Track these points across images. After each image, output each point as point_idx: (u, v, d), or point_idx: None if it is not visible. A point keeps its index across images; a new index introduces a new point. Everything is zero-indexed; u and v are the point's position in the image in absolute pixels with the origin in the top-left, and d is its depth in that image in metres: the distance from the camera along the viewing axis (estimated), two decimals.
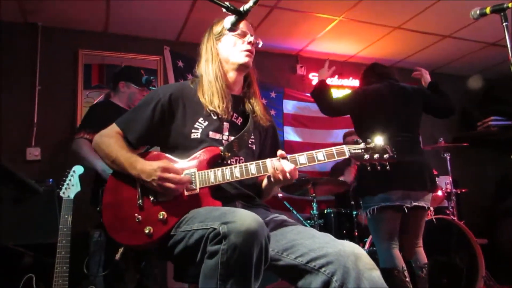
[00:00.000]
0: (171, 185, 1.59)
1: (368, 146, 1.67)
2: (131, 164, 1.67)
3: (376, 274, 1.39)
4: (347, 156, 1.66)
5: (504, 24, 1.95)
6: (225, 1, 1.52)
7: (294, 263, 1.46)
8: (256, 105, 1.93)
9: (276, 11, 4.31)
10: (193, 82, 1.92)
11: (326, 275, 1.39)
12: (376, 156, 1.66)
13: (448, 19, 4.57)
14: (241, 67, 1.88)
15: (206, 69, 1.88)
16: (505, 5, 1.94)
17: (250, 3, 1.48)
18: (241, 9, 1.51)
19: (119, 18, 4.33)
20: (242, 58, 1.86)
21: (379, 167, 1.69)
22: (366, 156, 1.66)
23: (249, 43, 1.88)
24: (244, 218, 1.33)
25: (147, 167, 1.63)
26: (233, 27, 1.59)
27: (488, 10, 2.02)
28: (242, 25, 1.86)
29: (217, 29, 1.91)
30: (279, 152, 1.67)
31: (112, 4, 4.05)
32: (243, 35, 1.88)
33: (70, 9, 4.08)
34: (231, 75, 1.90)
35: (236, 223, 1.30)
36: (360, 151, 1.67)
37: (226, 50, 1.88)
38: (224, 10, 1.52)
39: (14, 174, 1.13)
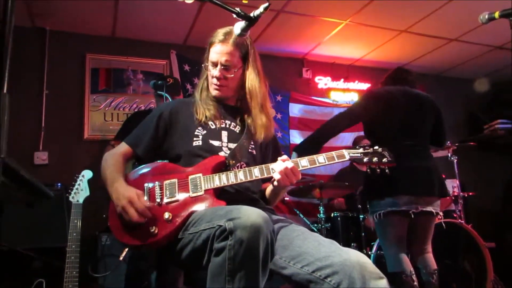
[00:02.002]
0: (133, 216, 1.60)
1: (367, 150, 1.75)
2: (112, 181, 1.73)
3: (383, 283, 1.39)
4: (346, 159, 1.72)
5: None
6: (234, 6, 1.53)
7: (300, 272, 1.47)
8: (252, 122, 1.94)
9: (283, 15, 4.32)
10: (193, 96, 2.01)
11: (331, 285, 1.39)
12: (375, 159, 1.73)
13: (454, 23, 4.57)
14: (215, 98, 1.94)
15: (198, 82, 2.02)
16: None
17: (261, 9, 1.48)
18: (251, 15, 1.52)
19: (126, 22, 4.36)
20: (212, 91, 1.93)
21: (378, 171, 1.74)
22: (365, 160, 1.73)
23: (216, 77, 1.87)
24: (249, 213, 1.35)
25: (120, 190, 1.67)
26: (243, 33, 1.60)
27: (496, 14, 2.00)
28: (216, 51, 1.85)
29: (207, 49, 1.93)
30: (283, 157, 1.72)
31: (119, 9, 4.08)
32: (214, 65, 1.88)
33: (77, 14, 4.11)
34: None
35: (241, 218, 1.32)
36: (359, 154, 1.74)
37: (208, 74, 1.94)
38: (234, 16, 1.53)
39: (26, 179, 1.15)
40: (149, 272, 2.76)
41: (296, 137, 5.17)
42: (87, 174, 2.58)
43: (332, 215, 4.01)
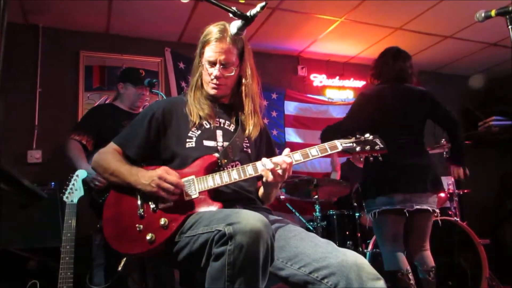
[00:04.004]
0: (169, 186, 1.61)
1: (358, 139, 1.74)
2: (130, 172, 1.70)
3: (380, 284, 1.39)
4: (339, 150, 1.70)
5: (509, 26, 1.92)
6: (230, 5, 1.51)
7: (297, 273, 1.47)
8: (245, 119, 1.92)
9: (278, 12, 4.30)
10: (186, 94, 1.96)
11: (328, 286, 1.39)
12: (367, 148, 1.73)
13: (449, 20, 4.57)
14: (211, 97, 1.90)
15: (190, 81, 1.95)
16: (510, 8, 1.92)
17: (257, 8, 1.46)
18: (248, 14, 1.50)
19: (120, 19, 4.32)
20: (210, 90, 1.88)
21: (371, 159, 1.75)
22: (358, 149, 1.72)
23: (215, 76, 1.82)
24: (249, 218, 1.34)
25: (148, 172, 1.66)
26: (239, 32, 1.58)
27: (493, 12, 1.99)
28: (214, 50, 1.80)
29: (199, 47, 1.88)
30: (286, 150, 1.68)
31: (113, 5, 4.04)
32: (212, 64, 1.82)
33: (71, 11, 4.07)
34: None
35: (241, 223, 1.31)
36: (351, 144, 1.73)
37: (204, 73, 1.89)
38: (231, 15, 1.51)
39: (19, 181, 1.13)
40: (128, 282, 2.75)
41: (292, 135, 5.16)
42: (82, 173, 2.56)
43: (327, 213, 4.02)
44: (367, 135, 1.75)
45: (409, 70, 2.97)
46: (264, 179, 1.68)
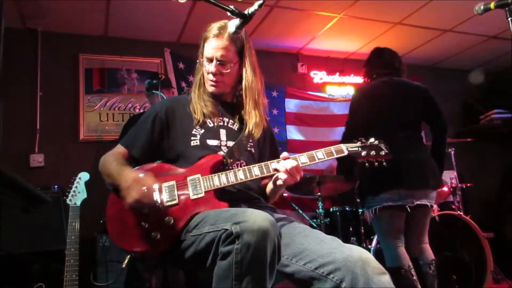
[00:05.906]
0: (146, 211, 1.60)
1: (364, 143, 1.76)
2: (118, 172, 1.69)
3: (386, 278, 1.39)
4: (345, 154, 1.73)
5: (509, 19, 1.92)
6: (228, 4, 1.51)
7: (303, 269, 1.47)
8: (249, 118, 1.90)
9: (276, 10, 4.30)
10: (189, 93, 1.96)
11: (334, 282, 1.39)
12: (372, 153, 1.75)
13: (448, 13, 4.55)
14: (212, 94, 1.89)
15: (194, 79, 1.94)
16: (510, 0, 1.92)
17: (255, 6, 1.46)
18: (246, 12, 1.50)
19: (118, 21, 4.32)
20: (208, 87, 1.88)
21: (376, 164, 1.76)
22: (364, 153, 1.75)
23: (211, 72, 1.82)
24: (256, 217, 1.33)
25: (130, 190, 1.59)
26: (238, 31, 1.58)
27: (492, 5, 1.99)
28: (212, 46, 1.80)
29: (201, 44, 1.88)
30: (283, 154, 1.70)
31: (111, 8, 4.04)
32: (209, 61, 1.82)
33: (69, 14, 4.07)
34: None
35: (248, 222, 1.31)
36: (357, 148, 1.76)
37: (204, 70, 1.89)
38: (228, 14, 1.51)
39: (21, 185, 1.13)
40: (152, 272, 2.75)
41: (293, 133, 5.15)
42: (84, 176, 2.56)
43: (331, 210, 4.01)
44: (372, 139, 1.77)
45: (398, 60, 3.03)
46: (278, 182, 1.68)
